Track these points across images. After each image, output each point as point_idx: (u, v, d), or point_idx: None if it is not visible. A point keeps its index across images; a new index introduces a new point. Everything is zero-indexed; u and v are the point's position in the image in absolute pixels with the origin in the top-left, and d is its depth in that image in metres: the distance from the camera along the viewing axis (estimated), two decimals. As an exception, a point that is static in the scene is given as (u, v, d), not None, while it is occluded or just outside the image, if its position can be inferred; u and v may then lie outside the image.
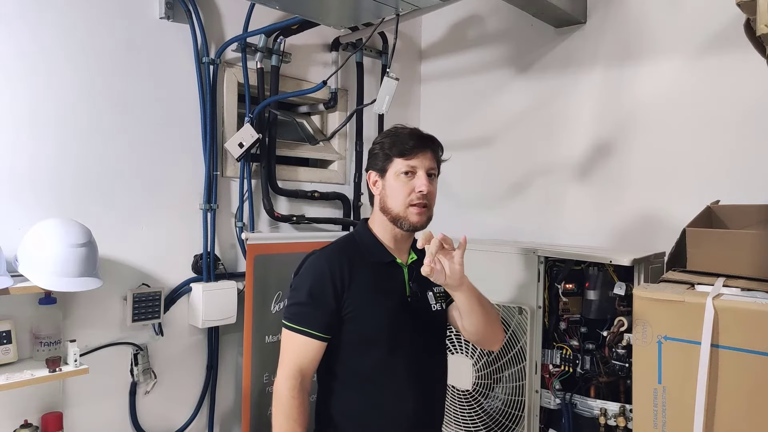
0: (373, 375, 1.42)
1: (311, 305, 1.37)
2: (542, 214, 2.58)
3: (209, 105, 2.22)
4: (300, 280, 1.42)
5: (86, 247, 1.71)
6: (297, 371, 1.35)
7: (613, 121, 2.36)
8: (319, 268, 1.39)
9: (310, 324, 1.36)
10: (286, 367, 1.36)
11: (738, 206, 1.66)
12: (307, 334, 1.36)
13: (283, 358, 1.37)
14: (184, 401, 2.24)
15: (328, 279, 1.37)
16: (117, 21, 2.00)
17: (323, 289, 1.37)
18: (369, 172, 1.48)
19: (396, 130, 1.47)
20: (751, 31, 1.17)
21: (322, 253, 1.44)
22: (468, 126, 2.84)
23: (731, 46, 2.04)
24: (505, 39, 2.73)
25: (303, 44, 2.56)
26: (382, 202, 1.45)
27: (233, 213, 2.36)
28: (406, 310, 1.45)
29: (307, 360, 1.36)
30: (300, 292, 1.39)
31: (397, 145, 1.42)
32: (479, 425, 2.08)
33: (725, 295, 1.23)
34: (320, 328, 1.36)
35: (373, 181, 1.47)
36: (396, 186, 1.41)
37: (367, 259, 1.44)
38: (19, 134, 1.80)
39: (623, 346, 1.78)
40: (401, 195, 1.41)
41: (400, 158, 1.41)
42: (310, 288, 1.37)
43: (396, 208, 1.42)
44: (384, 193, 1.44)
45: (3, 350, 1.69)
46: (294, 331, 1.37)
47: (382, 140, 1.46)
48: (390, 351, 1.41)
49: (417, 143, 1.42)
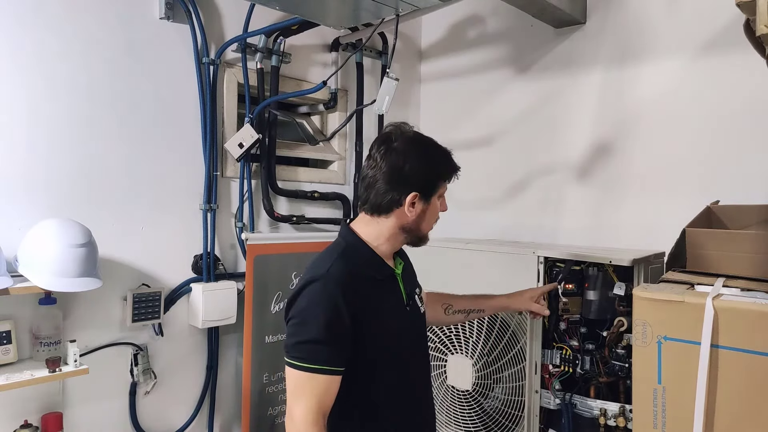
0: (384, 399, 1.34)
1: (329, 341, 1.22)
2: (542, 214, 2.58)
3: (209, 105, 2.22)
4: (309, 312, 1.24)
5: (86, 247, 1.72)
6: (321, 415, 1.22)
7: (613, 121, 2.36)
8: (331, 298, 1.24)
9: (330, 360, 1.22)
10: (308, 412, 1.20)
11: (738, 206, 1.66)
12: (328, 372, 1.22)
13: (301, 401, 1.21)
14: (184, 401, 2.24)
15: (343, 309, 1.23)
16: (117, 21, 2.01)
17: (340, 320, 1.23)
18: (413, 194, 1.31)
19: (441, 150, 1.39)
20: (751, 32, 1.17)
21: (327, 279, 1.26)
22: (468, 126, 2.84)
23: (731, 46, 2.04)
24: (505, 39, 2.73)
25: (303, 44, 2.56)
26: (413, 224, 1.35)
27: (233, 213, 2.37)
28: (406, 321, 1.42)
29: (328, 399, 1.23)
30: (312, 326, 1.22)
31: (448, 169, 1.37)
32: (479, 425, 2.08)
33: (725, 296, 1.23)
34: (340, 362, 1.24)
35: (412, 202, 1.32)
36: (435, 210, 1.37)
37: (366, 275, 1.33)
38: (18, 134, 1.81)
39: (623, 346, 1.78)
40: (435, 218, 1.39)
41: (445, 182, 1.38)
42: (327, 321, 1.22)
43: (427, 230, 1.38)
44: (422, 216, 1.35)
45: (3, 350, 1.70)
46: (313, 371, 1.21)
47: (431, 161, 1.34)
48: (403, 368, 1.37)
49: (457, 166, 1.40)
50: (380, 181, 1.32)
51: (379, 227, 1.36)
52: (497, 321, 2.06)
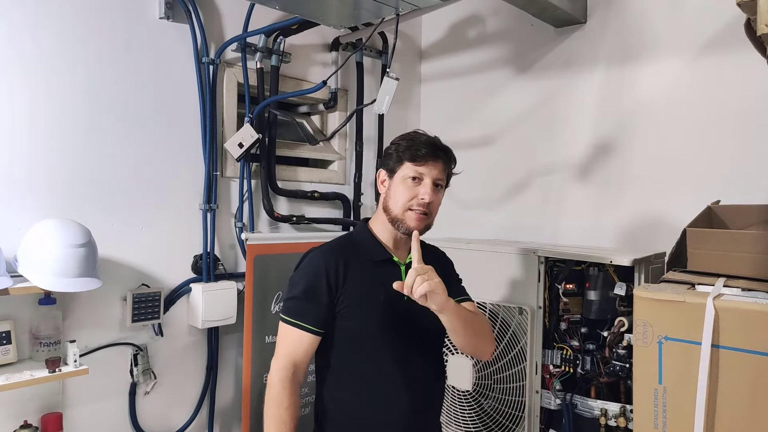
0: (364, 371, 1.44)
1: (305, 300, 1.40)
2: (542, 214, 2.58)
3: (209, 105, 2.21)
4: (297, 276, 1.46)
5: (86, 247, 1.71)
6: (290, 363, 1.39)
7: (614, 121, 2.36)
8: (315, 265, 1.43)
9: (304, 318, 1.40)
10: (280, 359, 1.40)
11: (738, 206, 1.66)
12: (301, 328, 1.40)
13: (278, 350, 1.42)
14: (184, 401, 2.24)
15: (323, 275, 1.40)
16: (116, 21, 2.00)
17: (318, 284, 1.40)
18: (380, 170, 1.51)
19: (415, 134, 1.49)
20: (752, 31, 1.17)
21: (319, 250, 1.47)
22: (468, 126, 2.84)
23: (731, 46, 2.04)
24: (506, 39, 2.73)
25: (303, 44, 2.56)
26: (385, 202, 1.48)
27: (233, 213, 2.36)
28: (401, 308, 1.43)
29: (300, 352, 1.40)
30: (296, 287, 1.43)
31: (411, 150, 1.44)
32: (479, 425, 2.08)
33: (726, 296, 1.23)
34: (314, 322, 1.40)
35: (381, 179, 1.50)
36: (401, 189, 1.44)
37: (363, 257, 1.46)
38: (18, 135, 1.80)
39: (624, 346, 1.78)
40: (403, 198, 1.43)
41: (410, 163, 1.43)
42: (306, 284, 1.41)
43: (395, 210, 1.44)
44: (388, 193, 1.47)
45: (3, 351, 1.69)
46: (289, 324, 1.41)
47: (399, 142, 1.48)
48: (380, 347, 1.43)
49: (430, 151, 1.43)
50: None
51: (377, 214, 1.52)
52: (498, 321, 2.06)
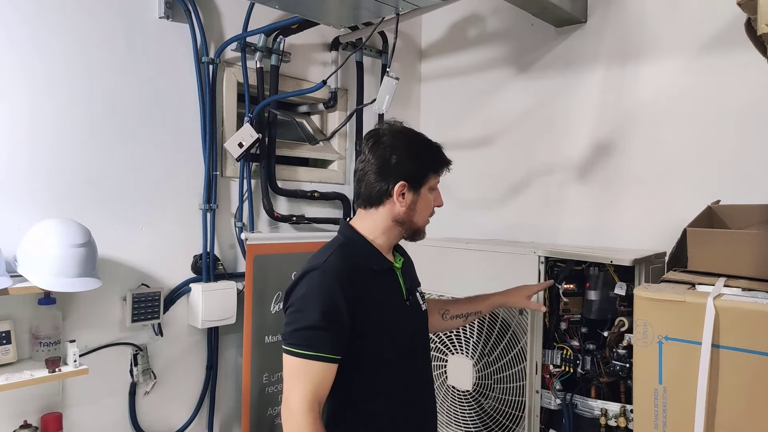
0: (385, 389, 1.36)
1: (327, 326, 1.24)
2: (542, 214, 2.57)
3: (209, 105, 2.21)
4: (306, 300, 1.26)
5: (85, 247, 1.71)
6: (316, 402, 1.23)
7: (614, 120, 2.36)
8: (329, 286, 1.26)
9: (327, 348, 1.24)
10: (304, 399, 1.21)
11: (739, 206, 1.66)
12: (323, 360, 1.23)
13: (297, 388, 1.22)
14: (184, 401, 2.24)
15: (340, 297, 1.25)
16: (116, 21, 2.00)
17: (338, 307, 1.25)
18: (401, 182, 1.35)
19: (429, 142, 1.42)
20: (752, 31, 1.17)
21: (326, 268, 1.29)
22: (468, 126, 2.84)
23: (732, 45, 2.03)
24: (506, 39, 2.72)
25: (303, 44, 2.56)
26: (406, 215, 1.37)
27: (233, 213, 2.36)
28: (406, 315, 1.43)
29: (325, 386, 1.25)
30: (310, 314, 1.24)
31: (437, 161, 1.39)
32: (479, 425, 2.07)
33: (726, 295, 1.23)
34: (336, 350, 1.25)
35: (400, 192, 1.35)
36: (428, 202, 1.40)
37: (365, 267, 1.36)
38: (18, 134, 1.80)
39: (624, 346, 1.78)
40: (429, 210, 1.41)
41: (435, 174, 1.40)
42: (323, 308, 1.24)
43: (421, 222, 1.41)
44: (413, 207, 1.38)
45: (2, 350, 1.69)
46: (309, 358, 1.23)
47: (419, 152, 1.38)
48: (401, 362, 1.39)
49: (447, 159, 1.42)
50: (369, 173, 1.37)
51: (373, 220, 1.39)
52: (498, 321, 2.05)
